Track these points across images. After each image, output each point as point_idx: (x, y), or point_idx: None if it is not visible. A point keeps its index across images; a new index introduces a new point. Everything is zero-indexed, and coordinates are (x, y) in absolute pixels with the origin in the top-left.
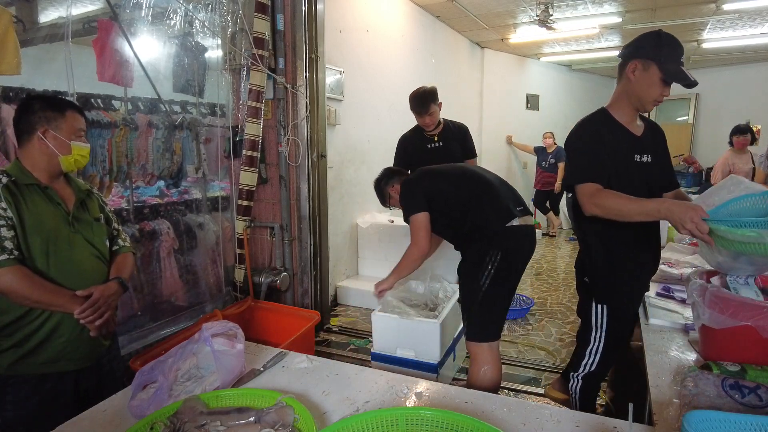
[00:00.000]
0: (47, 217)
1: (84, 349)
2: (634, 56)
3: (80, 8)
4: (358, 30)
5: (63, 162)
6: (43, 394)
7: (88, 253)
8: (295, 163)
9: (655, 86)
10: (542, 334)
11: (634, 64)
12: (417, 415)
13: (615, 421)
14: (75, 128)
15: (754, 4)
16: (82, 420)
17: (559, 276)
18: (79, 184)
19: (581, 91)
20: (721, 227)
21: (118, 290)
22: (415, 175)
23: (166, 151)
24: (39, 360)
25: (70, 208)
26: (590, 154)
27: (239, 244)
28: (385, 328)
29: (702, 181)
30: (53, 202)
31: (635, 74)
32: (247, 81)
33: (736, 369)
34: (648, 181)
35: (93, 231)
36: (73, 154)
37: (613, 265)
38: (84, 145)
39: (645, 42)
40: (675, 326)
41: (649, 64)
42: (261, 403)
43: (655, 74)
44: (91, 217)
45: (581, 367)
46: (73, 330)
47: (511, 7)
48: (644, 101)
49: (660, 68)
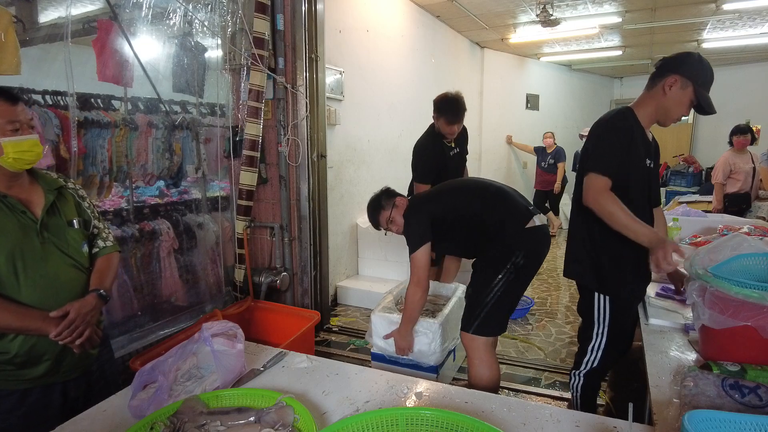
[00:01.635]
0: (10, 230)
1: (69, 361)
2: (677, 71)
3: (80, 8)
4: (357, 30)
5: (2, 164)
6: (29, 406)
7: (63, 264)
8: (295, 163)
9: (683, 106)
10: (542, 334)
11: (674, 79)
12: (417, 415)
13: (615, 421)
14: (2, 121)
15: (754, 4)
16: (82, 420)
17: (559, 276)
18: (49, 180)
19: (581, 91)
20: (723, 284)
21: (97, 304)
22: (416, 203)
23: (165, 151)
24: (23, 377)
25: (38, 215)
26: (616, 151)
27: (239, 244)
28: (384, 330)
29: (702, 181)
30: (16, 211)
31: (671, 89)
32: (247, 81)
33: (736, 369)
34: (650, 186)
35: (66, 238)
36: (8, 153)
37: (618, 253)
38: (21, 138)
39: (689, 61)
40: (675, 326)
41: (688, 84)
42: (261, 403)
43: (689, 95)
44: (64, 220)
45: (583, 364)
46: (55, 349)
47: (511, 7)
48: (669, 116)
49: (695, 91)
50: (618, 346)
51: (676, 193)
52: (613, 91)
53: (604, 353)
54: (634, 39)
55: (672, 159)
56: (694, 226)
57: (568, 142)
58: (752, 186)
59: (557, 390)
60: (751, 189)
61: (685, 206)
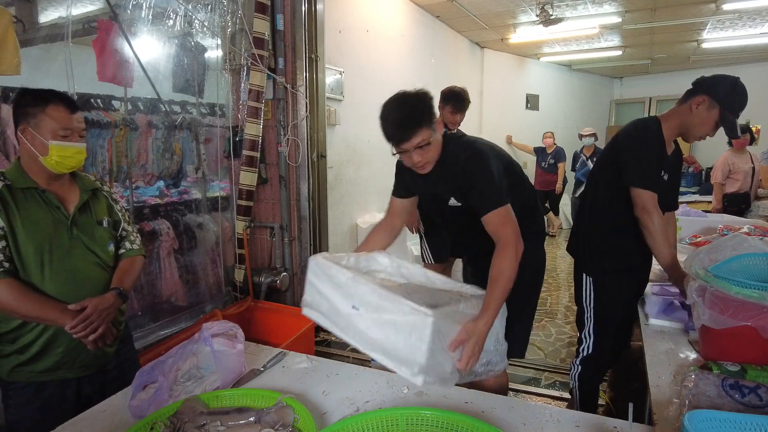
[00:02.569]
0: (43, 223)
1: (84, 358)
2: (707, 92)
3: (80, 8)
4: (357, 30)
5: (45, 163)
6: (44, 400)
7: (87, 261)
8: (295, 163)
9: (707, 126)
10: (542, 334)
11: (702, 98)
12: (417, 415)
13: (615, 421)
14: (57, 126)
15: (754, 4)
16: (82, 420)
17: (559, 276)
18: (86, 181)
19: (581, 91)
20: (723, 283)
21: (115, 302)
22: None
23: (165, 151)
24: (38, 368)
25: (71, 211)
26: (656, 164)
27: (239, 244)
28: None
29: (702, 180)
30: (51, 206)
31: (698, 108)
32: (247, 81)
33: (736, 369)
34: (662, 196)
35: (94, 236)
36: (51, 156)
37: (607, 236)
38: (67, 144)
39: (722, 84)
40: (675, 326)
41: (715, 106)
42: (261, 404)
43: (714, 116)
44: (94, 219)
45: (579, 352)
46: (70, 341)
47: (511, 7)
48: (692, 134)
49: (721, 114)
50: (609, 330)
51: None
52: (613, 91)
53: (597, 339)
54: (634, 39)
55: None
56: (694, 226)
57: (567, 142)
58: (752, 186)
59: (557, 390)
60: (751, 189)
61: (685, 206)
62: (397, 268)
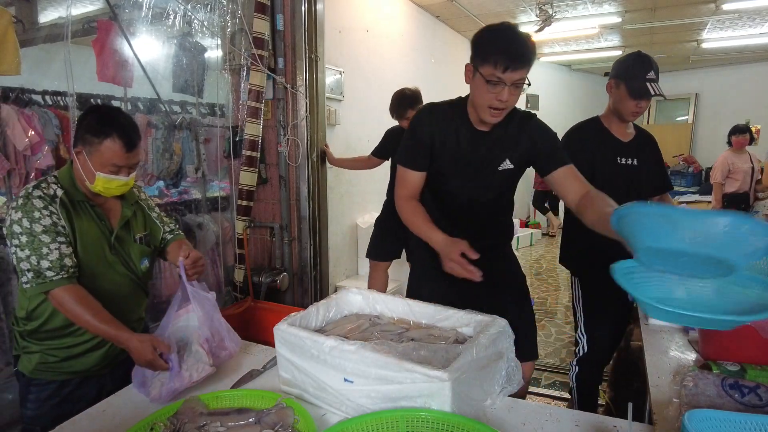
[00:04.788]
0: (93, 236)
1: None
2: (611, 76)
3: (80, 8)
4: (357, 30)
5: (90, 187)
6: (64, 397)
7: (123, 276)
8: (295, 163)
9: (626, 100)
10: (542, 334)
11: (609, 83)
12: (417, 416)
13: (615, 420)
14: (108, 162)
15: (754, 4)
16: (82, 420)
17: (559, 276)
18: (128, 195)
19: (581, 91)
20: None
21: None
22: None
23: (165, 151)
24: (63, 369)
25: (115, 227)
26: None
27: (239, 244)
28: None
29: (702, 180)
30: (100, 220)
31: (612, 91)
32: (247, 81)
33: (736, 369)
34: (633, 181)
35: (131, 252)
36: (96, 185)
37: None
38: (113, 177)
39: (619, 63)
40: (675, 326)
41: (619, 83)
42: (261, 404)
43: (624, 91)
44: (132, 236)
45: (576, 353)
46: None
47: (511, 7)
48: (622, 113)
49: (627, 86)
50: (601, 327)
51: (676, 193)
52: None
53: (590, 337)
54: (634, 39)
55: (672, 159)
56: None
57: None
58: (751, 186)
59: (557, 390)
60: (750, 189)
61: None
62: (372, 304)
